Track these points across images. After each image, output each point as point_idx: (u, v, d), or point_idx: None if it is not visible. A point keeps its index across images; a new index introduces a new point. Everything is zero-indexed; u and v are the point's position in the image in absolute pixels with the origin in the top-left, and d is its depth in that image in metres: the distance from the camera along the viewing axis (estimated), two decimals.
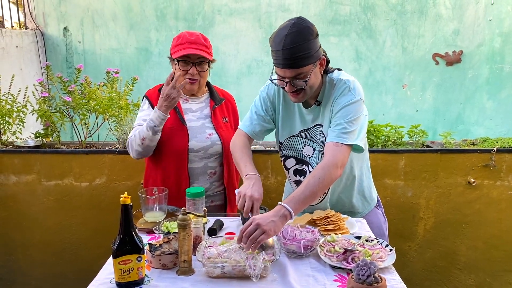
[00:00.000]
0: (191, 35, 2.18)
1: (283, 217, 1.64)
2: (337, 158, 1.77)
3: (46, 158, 2.91)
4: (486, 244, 2.94)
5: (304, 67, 1.73)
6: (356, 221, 2.00)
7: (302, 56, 1.70)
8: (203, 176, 2.25)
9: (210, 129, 2.26)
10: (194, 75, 2.18)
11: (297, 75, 1.75)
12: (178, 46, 2.17)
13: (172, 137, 2.19)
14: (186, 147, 2.19)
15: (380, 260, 1.61)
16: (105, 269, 1.62)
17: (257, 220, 1.59)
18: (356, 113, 1.83)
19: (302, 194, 1.70)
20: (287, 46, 1.69)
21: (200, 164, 2.24)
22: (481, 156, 2.82)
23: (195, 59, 2.16)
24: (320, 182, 1.73)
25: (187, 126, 2.22)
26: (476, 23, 4.62)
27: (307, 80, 1.76)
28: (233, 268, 1.53)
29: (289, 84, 1.78)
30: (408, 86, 4.81)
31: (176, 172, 2.21)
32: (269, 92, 2.05)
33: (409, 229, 2.95)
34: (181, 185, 2.19)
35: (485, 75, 4.73)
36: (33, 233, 3.02)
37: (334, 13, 4.68)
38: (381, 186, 2.84)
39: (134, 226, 1.49)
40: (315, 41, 1.73)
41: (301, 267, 1.63)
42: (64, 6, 4.80)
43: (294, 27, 1.69)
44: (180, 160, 2.20)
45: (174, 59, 2.18)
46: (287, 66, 1.73)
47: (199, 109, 2.31)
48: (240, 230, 1.61)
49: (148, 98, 2.28)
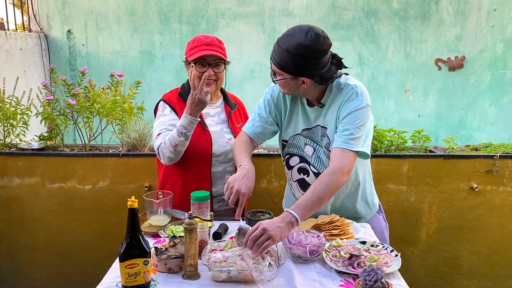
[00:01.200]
0: (206, 38, 2.20)
1: (290, 223, 1.64)
2: (343, 164, 1.78)
3: (49, 161, 2.91)
4: (489, 250, 2.94)
5: (284, 73, 1.81)
6: (360, 226, 2.00)
7: (289, 64, 1.77)
8: (221, 181, 2.26)
9: (229, 134, 2.28)
10: (211, 76, 2.18)
11: (276, 72, 1.84)
12: (194, 48, 2.17)
13: (196, 142, 2.18)
14: (210, 151, 2.20)
15: (386, 265, 1.61)
16: (111, 273, 1.62)
17: (263, 225, 1.59)
18: (363, 119, 1.83)
19: (309, 201, 1.70)
20: (291, 51, 1.73)
21: (220, 168, 2.26)
22: (484, 161, 2.83)
23: (211, 61, 2.17)
24: (327, 188, 1.73)
25: (210, 130, 2.23)
26: (479, 29, 4.64)
27: (278, 80, 1.86)
28: (239, 272, 1.53)
29: (271, 73, 1.89)
30: (411, 91, 4.82)
31: (198, 176, 2.22)
32: (273, 93, 2.07)
33: (412, 234, 2.95)
34: (203, 189, 2.17)
35: (487, 81, 4.75)
36: (37, 236, 3.02)
37: (337, 18, 4.70)
38: (384, 191, 2.85)
39: (141, 230, 1.49)
40: (313, 61, 1.77)
41: (306, 272, 1.63)
42: (68, 8, 4.83)
43: (308, 40, 1.73)
44: (203, 165, 2.21)
45: (190, 62, 2.19)
46: (275, 60, 1.82)
47: (216, 114, 2.33)
48: (246, 234, 1.61)
49: (168, 103, 2.27)
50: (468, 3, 4.61)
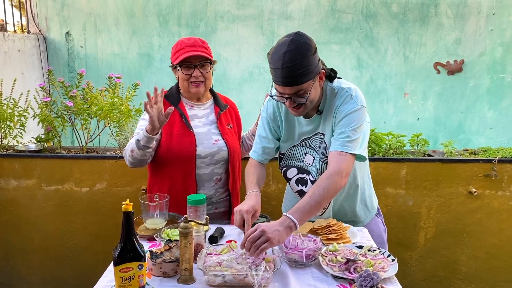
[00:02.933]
0: (189, 40, 2.20)
1: (288, 228, 1.63)
2: (341, 167, 1.77)
3: (46, 163, 2.90)
4: (487, 254, 2.93)
5: (303, 84, 1.72)
6: (358, 231, 1.99)
7: (301, 73, 1.69)
8: (209, 183, 2.25)
9: (216, 135, 2.27)
10: (198, 77, 2.18)
11: (297, 92, 1.74)
12: (178, 52, 2.18)
13: (179, 144, 2.19)
14: (194, 153, 2.19)
15: (382, 270, 1.60)
16: (105, 277, 1.61)
17: (262, 227, 1.58)
18: (359, 121, 1.82)
19: (307, 205, 1.69)
20: (286, 64, 1.67)
21: (207, 170, 2.24)
22: (482, 166, 2.82)
23: (197, 62, 2.17)
24: (325, 192, 1.72)
25: (194, 132, 2.22)
26: (478, 32, 4.64)
27: (308, 96, 1.75)
28: (234, 277, 1.52)
29: (289, 100, 1.78)
30: (410, 95, 4.82)
31: (183, 179, 2.21)
32: (268, 110, 2.06)
33: (410, 238, 2.94)
34: (188, 191, 2.17)
35: (486, 85, 4.74)
36: (33, 238, 3.01)
37: (336, 21, 4.69)
38: (382, 195, 2.84)
39: (135, 234, 1.48)
40: (314, 57, 1.72)
41: (302, 276, 1.62)
42: (66, 10, 4.82)
43: (292, 44, 1.67)
44: (187, 167, 2.20)
45: (176, 66, 2.19)
46: (287, 84, 1.72)
47: (205, 115, 2.32)
48: (245, 235, 1.61)
49: None
50: (467, 7, 4.61)
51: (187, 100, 2.31)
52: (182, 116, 2.22)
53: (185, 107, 2.28)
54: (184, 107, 2.26)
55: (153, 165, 2.29)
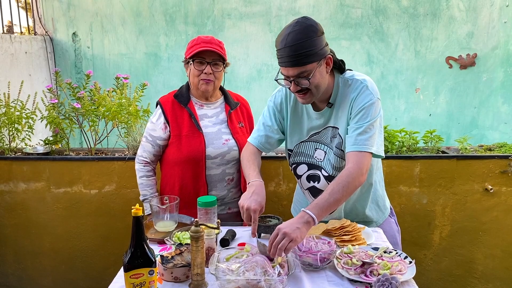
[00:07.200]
0: (206, 37, 2.20)
1: (307, 223, 1.62)
2: (361, 165, 1.75)
3: (55, 165, 2.88)
4: (505, 253, 2.87)
5: (307, 65, 1.70)
6: (372, 231, 1.94)
7: (304, 53, 1.67)
8: (221, 183, 2.23)
9: (227, 135, 2.24)
10: (209, 74, 2.16)
11: (300, 73, 1.72)
12: (193, 47, 2.16)
13: (188, 145, 2.17)
14: (203, 154, 2.17)
15: (400, 273, 1.55)
16: (116, 282, 1.58)
17: (283, 230, 1.57)
18: (376, 114, 1.80)
19: (326, 202, 1.68)
20: (289, 44, 1.67)
21: (218, 171, 2.21)
22: (498, 162, 2.75)
23: (210, 59, 2.14)
24: (344, 189, 1.70)
25: (203, 132, 2.19)
26: (491, 25, 4.54)
27: (310, 78, 1.72)
28: (247, 281, 1.47)
29: (294, 83, 1.75)
30: (421, 90, 4.73)
31: (193, 180, 2.19)
32: (276, 101, 2.02)
33: (425, 237, 2.88)
34: (199, 193, 2.15)
35: (500, 79, 4.64)
36: (43, 241, 3.00)
37: (346, 16, 4.62)
38: (396, 193, 2.78)
39: (145, 238, 1.44)
40: (319, 39, 1.70)
41: (317, 280, 1.58)
42: (73, 11, 4.80)
43: (297, 25, 1.68)
44: (197, 168, 2.18)
45: (189, 60, 2.17)
46: (290, 64, 1.71)
47: (215, 115, 2.28)
48: (269, 241, 1.59)
49: (162, 106, 2.25)
50: None
51: (197, 99, 2.27)
52: (191, 116, 2.19)
53: (195, 106, 2.25)
54: (193, 107, 2.23)
55: (164, 166, 2.28)
